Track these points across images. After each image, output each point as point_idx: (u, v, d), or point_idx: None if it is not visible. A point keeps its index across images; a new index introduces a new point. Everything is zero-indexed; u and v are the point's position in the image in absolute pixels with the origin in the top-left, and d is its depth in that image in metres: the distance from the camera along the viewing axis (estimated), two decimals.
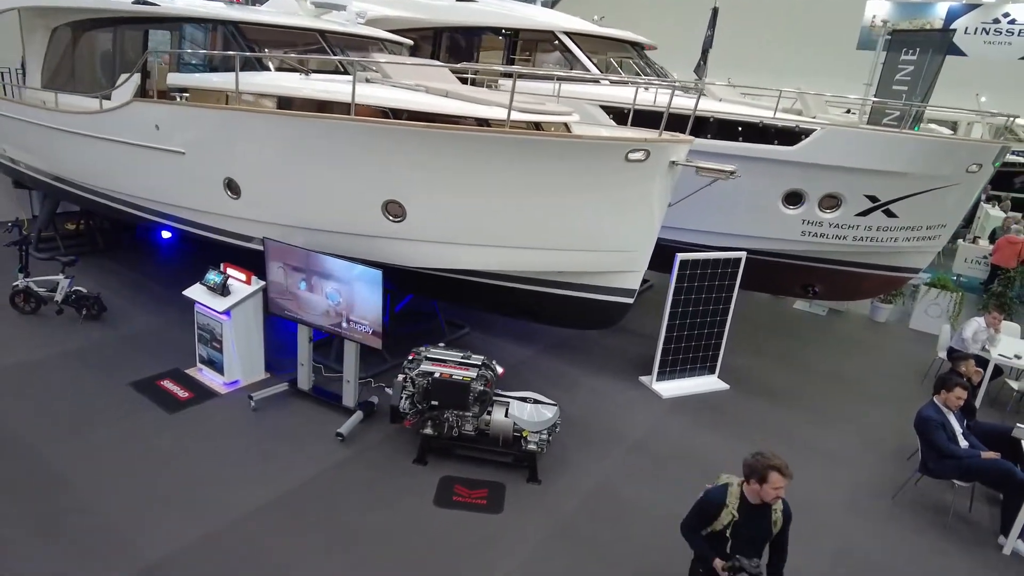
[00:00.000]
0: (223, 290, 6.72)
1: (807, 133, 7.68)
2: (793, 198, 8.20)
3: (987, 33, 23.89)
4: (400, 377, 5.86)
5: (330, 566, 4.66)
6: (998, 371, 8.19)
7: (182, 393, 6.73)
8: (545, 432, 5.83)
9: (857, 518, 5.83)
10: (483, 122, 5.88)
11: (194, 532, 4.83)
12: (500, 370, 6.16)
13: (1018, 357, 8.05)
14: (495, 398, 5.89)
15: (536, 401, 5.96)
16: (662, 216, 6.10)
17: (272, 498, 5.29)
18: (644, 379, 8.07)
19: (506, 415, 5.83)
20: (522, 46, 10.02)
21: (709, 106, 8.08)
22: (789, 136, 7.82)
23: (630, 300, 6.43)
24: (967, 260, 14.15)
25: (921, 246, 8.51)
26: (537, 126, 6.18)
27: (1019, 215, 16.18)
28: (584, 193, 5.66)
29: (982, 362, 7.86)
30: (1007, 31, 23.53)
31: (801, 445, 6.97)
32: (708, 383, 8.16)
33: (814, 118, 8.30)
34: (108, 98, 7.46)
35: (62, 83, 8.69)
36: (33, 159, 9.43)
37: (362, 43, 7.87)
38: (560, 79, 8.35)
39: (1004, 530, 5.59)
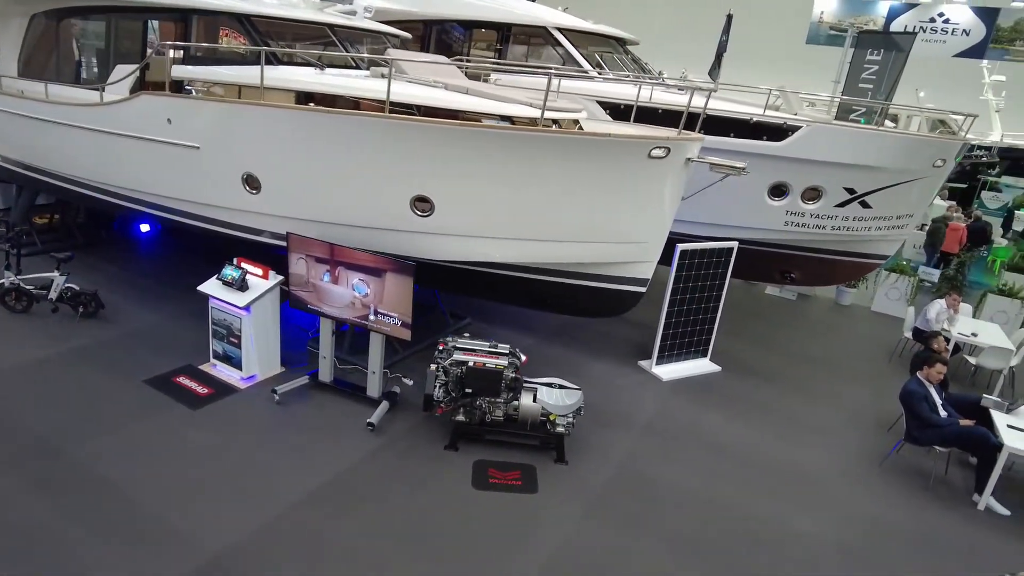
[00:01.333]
0: (242, 285, 6.73)
1: (793, 129, 8.21)
2: (778, 191, 8.75)
3: (924, 31, 25.41)
4: (433, 367, 6.06)
5: (386, 549, 4.87)
6: (956, 348, 9.00)
7: (201, 389, 6.73)
8: (571, 415, 6.16)
9: (853, 485, 6.41)
10: (507, 119, 6.10)
11: (251, 522, 4.94)
12: (523, 358, 6.43)
13: (974, 335, 8.89)
14: (524, 384, 6.17)
15: (561, 386, 6.28)
16: (675, 209, 6.47)
17: (317, 486, 5.44)
18: (643, 363, 8.50)
19: (534, 400, 6.13)
20: (514, 40, 10.21)
21: (701, 103, 8.49)
22: (776, 132, 8.33)
23: (643, 289, 6.80)
24: (915, 246, 15.23)
25: (890, 235, 9.22)
26: (554, 122, 6.44)
27: (954, 204, 17.50)
28: (607, 188, 5.97)
29: (935, 336, 8.64)
30: (942, 30, 25.12)
31: (793, 422, 7.55)
32: (702, 366, 8.66)
33: (795, 115, 8.84)
34: (104, 90, 7.28)
35: (40, 72, 8.38)
36: (13, 151, 9.05)
37: (369, 37, 7.91)
38: (581, 78, 8.61)
39: (978, 489, 6.27)
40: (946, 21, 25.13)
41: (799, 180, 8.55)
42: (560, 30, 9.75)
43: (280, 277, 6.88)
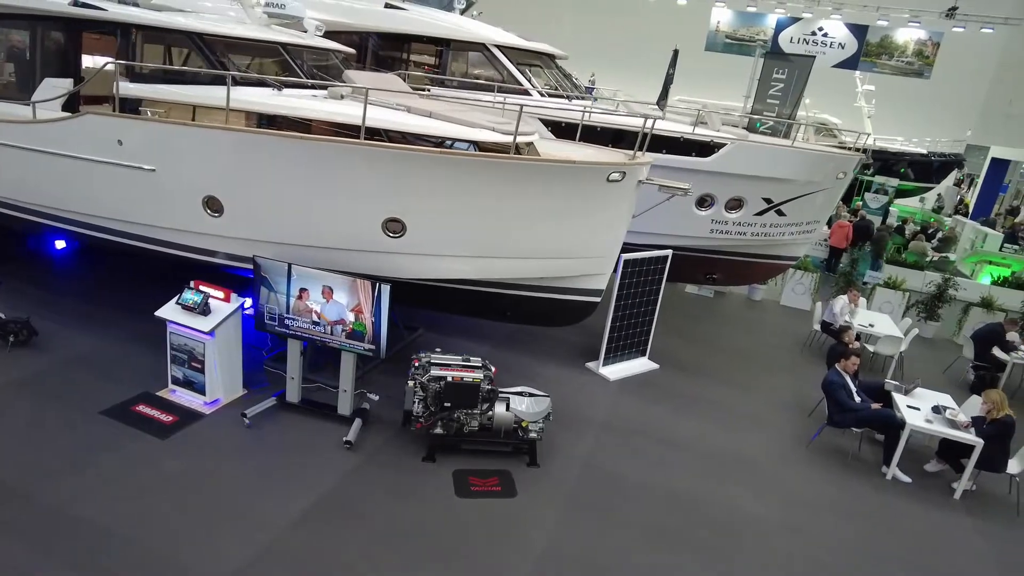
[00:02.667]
0: (204, 309, 6.63)
1: (719, 146, 9.03)
2: (704, 201, 9.57)
3: (807, 43, 27.91)
4: (410, 383, 6.28)
5: (386, 561, 5.08)
6: (856, 337, 10.22)
7: (165, 417, 6.57)
8: (541, 421, 6.58)
9: (788, 467, 7.27)
10: (474, 143, 6.40)
11: (249, 547, 4.99)
12: (493, 369, 6.77)
13: (871, 325, 10.14)
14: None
15: (531, 394, 6.68)
16: (628, 225, 7.03)
17: (308, 506, 5.54)
18: (590, 365, 9.07)
19: (507, 409, 6.49)
20: (453, 56, 10.46)
21: (636, 122, 9.16)
22: (704, 148, 9.12)
23: (599, 299, 7.33)
24: (815, 243, 16.84)
25: (800, 239, 10.32)
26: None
27: (840, 203, 19.49)
28: (569, 208, 6.42)
29: (845, 330, 9.82)
30: (822, 42, 27.68)
31: (728, 412, 8.37)
32: (642, 364, 9.35)
33: (718, 131, 9.71)
34: (28, 104, 6.88)
35: None
36: None
37: (319, 54, 7.92)
38: (533, 100, 8.96)
39: (886, 462, 7.29)
40: (825, 35, 27.72)
41: (723, 192, 9.40)
42: (498, 47, 10.10)
43: (242, 299, 6.83)
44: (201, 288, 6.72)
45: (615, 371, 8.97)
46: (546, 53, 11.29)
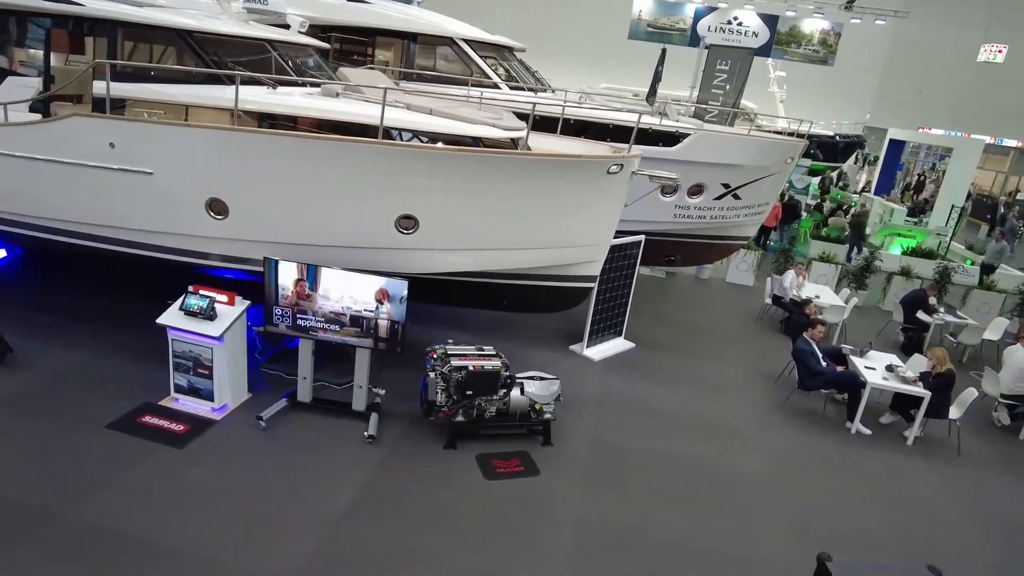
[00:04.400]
0: (210, 314, 6.52)
1: (684, 136, 9.63)
2: (669, 188, 10.18)
3: (723, 32, 29.31)
4: (432, 374, 6.47)
5: (433, 547, 5.29)
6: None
7: (175, 426, 6.44)
8: (552, 402, 6.95)
9: (767, 429, 8.01)
10: (477, 139, 6.62)
11: (301, 549, 5.07)
12: (502, 356, 7.05)
13: (818, 297, 11.15)
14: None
15: (541, 377, 7.03)
16: (620, 214, 7.47)
17: (348, 502, 5.66)
18: (574, 348, 9.53)
19: (521, 393, 6.82)
20: (420, 49, 10.50)
21: (608, 115, 9.63)
22: (669, 139, 9.70)
23: (594, 284, 7.75)
24: None
25: (751, 220, 11.16)
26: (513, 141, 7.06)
27: None
28: (573, 200, 6.77)
29: (796, 303, 10.78)
30: (737, 30, 29.15)
31: (704, 383, 9.06)
32: (620, 344, 9.90)
33: (677, 122, 10.32)
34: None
35: None
36: None
37: (298, 50, 7.82)
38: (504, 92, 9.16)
39: (850, 418, 8.17)
40: (739, 24, 29.14)
41: (687, 179, 10.04)
42: (465, 41, 10.25)
43: (247, 302, 6.76)
44: (205, 292, 6.59)
45: (598, 352, 9.47)
46: (505, 46, 11.53)
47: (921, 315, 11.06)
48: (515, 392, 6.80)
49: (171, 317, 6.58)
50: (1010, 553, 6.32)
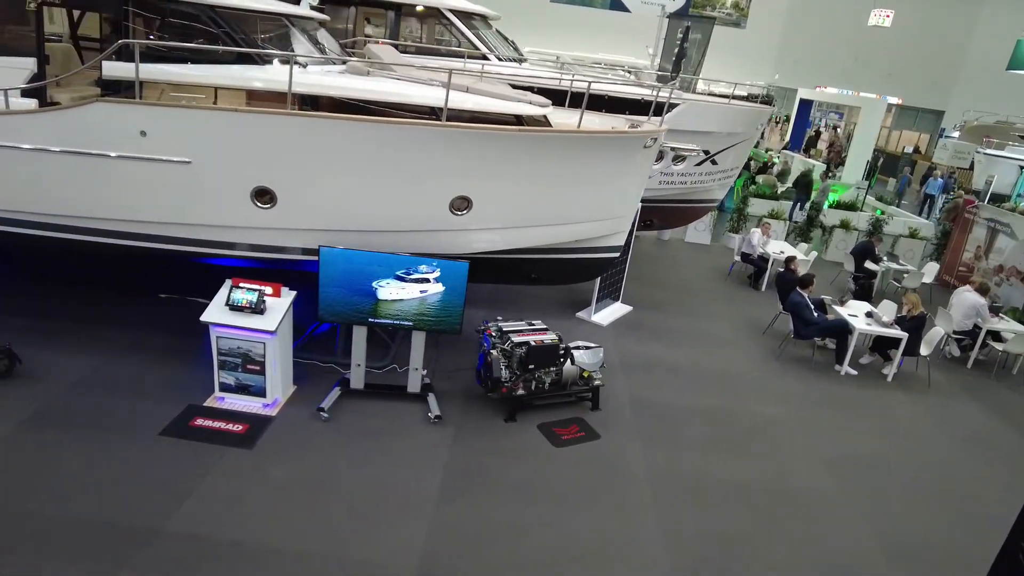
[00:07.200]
0: (258, 308, 6.28)
1: (673, 106, 10.03)
2: (658, 156, 10.61)
3: None
4: (495, 352, 6.61)
5: (541, 515, 5.54)
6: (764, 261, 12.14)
7: (233, 427, 6.22)
8: (599, 369, 7.31)
9: (770, 376, 8.80)
10: (519, 118, 6.69)
11: (416, 531, 5.16)
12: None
13: (782, 253, 12.10)
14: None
15: (586, 347, 7.34)
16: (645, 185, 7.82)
17: (440, 482, 5.77)
18: (581, 314, 9.90)
19: (572, 363, 7.10)
20: (404, 20, 10.18)
21: (602, 87, 9.83)
22: (659, 108, 10.06)
23: (618, 254, 8.09)
24: None
25: (724, 184, 11.87)
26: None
27: None
28: (613, 174, 7.02)
29: (765, 260, 11.70)
30: None
31: (704, 338, 9.75)
32: (620, 308, 10.38)
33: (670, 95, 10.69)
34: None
35: None
36: None
37: (311, 25, 7.44)
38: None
39: (839, 361, 9.13)
40: None
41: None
42: (454, 12, 10.05)
43: (294, 292, 6.56)
44: (251, 285, 6.32)
45: (603, 317, 9.89)
46: (480, 14, 11.38)
47: (869, 264, 12.30)
48: (566, 362, 7.08)
49: (216, 314, 6.27)
50: (988, 459, 7.46)
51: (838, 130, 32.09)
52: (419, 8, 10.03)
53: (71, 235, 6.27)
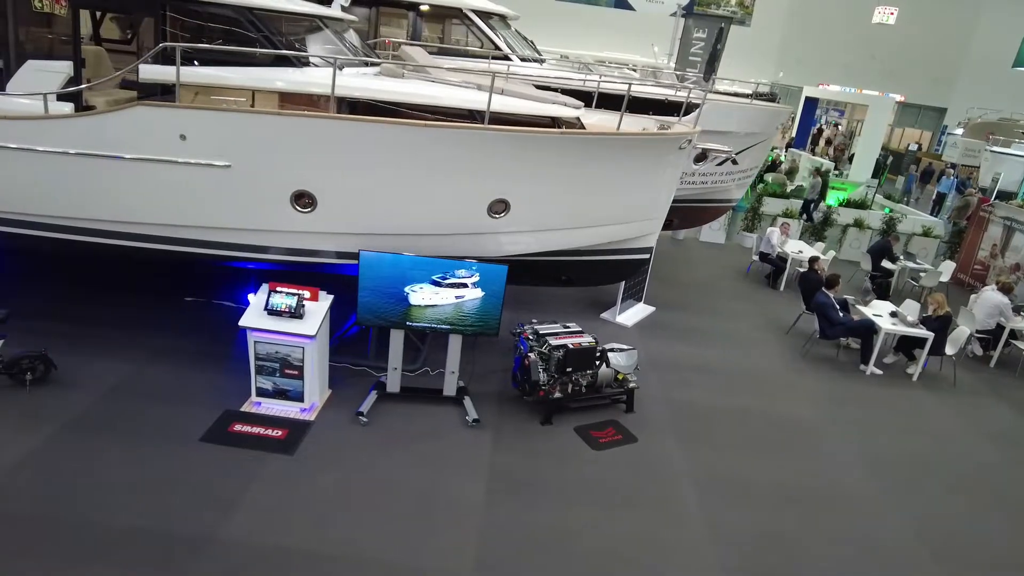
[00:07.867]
0: (297, 312, 6.25)
1: (696, 106, 10.01)
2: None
3: None
4: (533, 355, 6.59)
5: (588, 516, 5.54)
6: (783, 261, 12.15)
7: (272, 432, 6.18)
8: (633, 371, 7.29)
9: (797, 376, 8.80)
10: (557, 120, 6.66)
11: (468, 535, 5.16)
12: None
13: (800, 252, 12.11)
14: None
15: (620, 349, 7.32)
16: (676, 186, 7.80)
17: (485, 485, 5.76)
18: (605, 316, 9.89)
19: (607, 365, 7.09)
20: (427, 22, 10.13)
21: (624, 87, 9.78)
22: (680, 108, 10.05)
23: (649, 255, 8.08)
24: None
25: (743, 183, 11.87)
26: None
27: None
28: (648, 176, 7.01)
29: (784, 259, 11.70)
30: None
31: (730, 338, 9.75)
32: (643, 309, 10.37)
33: (689, 94, 10.68)
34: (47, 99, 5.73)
35: None
36: None
37: (342, 26, 7.39)
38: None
39: (864, 361, 9.13)
40: None
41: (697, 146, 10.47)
42: (476, 12, 10.01)
43: (331, 296, 6.53)
44: (289, 290, 6.28)
45: (628, 318, 9.88)
46: (499, 14, 11.34)
47: (886, 263, 12.32)
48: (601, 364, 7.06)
49: (255, 318, 6.24)
50: (1018, 457, 7.49)
51: (839, 128, 32.13)
52: (440, 8, 9.98)
53: (107, 240, 6.23)
